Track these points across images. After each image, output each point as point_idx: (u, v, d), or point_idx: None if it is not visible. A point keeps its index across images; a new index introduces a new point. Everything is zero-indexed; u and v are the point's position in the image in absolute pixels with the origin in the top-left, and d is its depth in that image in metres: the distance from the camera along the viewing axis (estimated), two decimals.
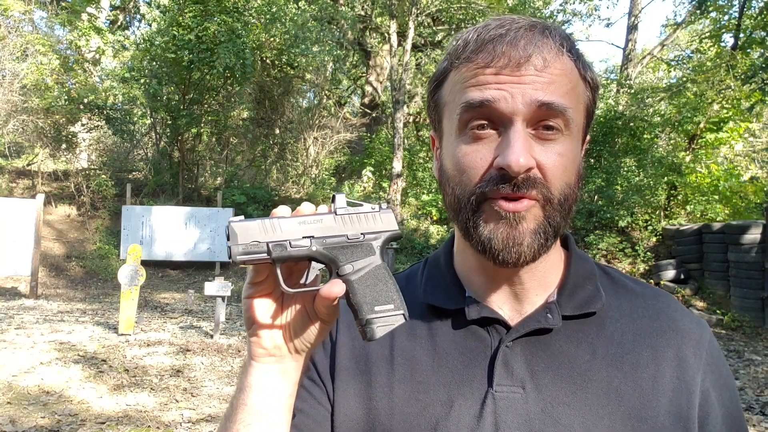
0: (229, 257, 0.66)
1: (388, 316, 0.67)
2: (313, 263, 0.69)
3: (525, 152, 0.68)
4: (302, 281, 0.70)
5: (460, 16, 15.85)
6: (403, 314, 0.68)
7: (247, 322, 0.71)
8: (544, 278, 0.80)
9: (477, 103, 0.70)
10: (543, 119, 0.70)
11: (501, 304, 0.79)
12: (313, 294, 0.69)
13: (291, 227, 0.67)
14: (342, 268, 0.68)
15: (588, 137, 0.81)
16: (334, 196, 0.71)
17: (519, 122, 0.69)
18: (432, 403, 0.75)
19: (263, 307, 0.71)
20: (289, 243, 0.67)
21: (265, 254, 0.66)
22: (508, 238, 0.71)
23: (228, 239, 0.66)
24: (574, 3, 17.87)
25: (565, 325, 0.77)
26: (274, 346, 0.71)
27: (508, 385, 0.74)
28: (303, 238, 0.67)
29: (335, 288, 0.66)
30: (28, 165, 15.13)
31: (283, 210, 0.69)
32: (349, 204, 0.71)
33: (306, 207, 0.70)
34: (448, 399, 0.75)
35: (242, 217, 0.67)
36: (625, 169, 12.28)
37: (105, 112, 14.39)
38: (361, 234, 0.69)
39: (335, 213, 0.70)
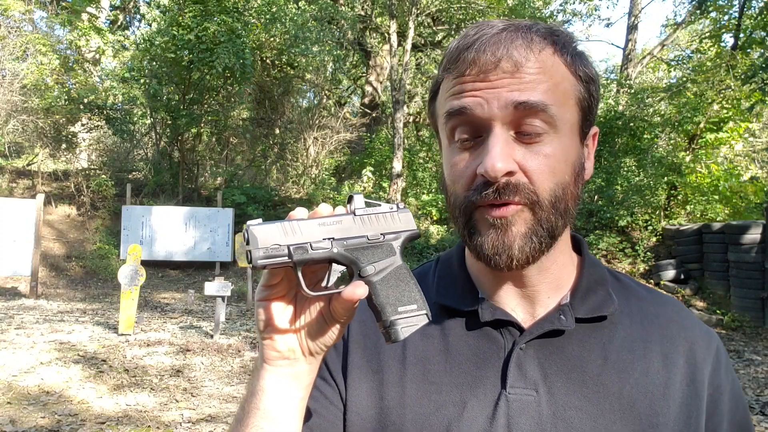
0: (249, 261, 0.63)
1: (411, 316, 0.66)
2: (334, 265, 0.68)
3: (503, 157, 0.68)
4: (323, 284, 0.69)
5: (460, 16, 15.84)
6: (426, 314, 0.67)
7: (261, 325, 0.69)
8: (555, 281, 0.79)
9: (456, 110, 0.71)
10: (523, 120, 0.70)
11: (514, 306, 0.79)
12: (330, 296, 0.68)
13: (311, 229, 0.66)
14: (364, 270, 0.66)
15: (596, 130, 0.79)
16: (351, 197, 0.70)
17: (498, 127, 0.70)
18: (445, 404, 0.75)
19: (279, 310, 0.69)
20: (310, 245, 0.65)
21: (286, 257, 0.63)
22: (497, 244, 0.71)
23: (248, 243, 0.64)
24: (574, 3, 17.86)
25: (577, 328, 0.77)
26: (288, 349, 0.69)
27: (522, 387, 0.74)
28: (323, 240, 0.66)
29: (359, 290, 0.64)
30: (28, 165, 15.13)
31: (300, 212, 0.68)
32: (367, 204, 0.70)
33: (324, 208, 0.69)
34: (461, 400, 0.75)
35: (260, 220, 0.66)
36: (625, 169, 12.28)
37: (105, 112, 14.38)
38: (381, 234, 0.68)
39: (354, 214, 0.68)
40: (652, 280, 10.57)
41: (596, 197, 12.07)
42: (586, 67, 0.74)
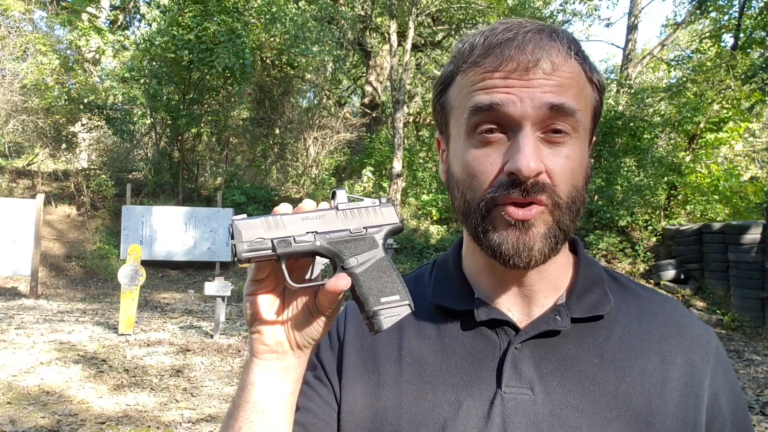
0: (234, 255, 0.65)
1: (394, 306, 0.67)
2: (318, 258, 0.69)
3: (535, 157, 0.68)
4: (307, 276, 0.70)
5: (460, 16, 15.84)
6: (409, 304, 0.68)
7: (250, 319, 0.71)
8: (552, 281, 0.80)
9: (485, 106, 0.70)
10: (552, 122, 0.70)
11: (510, 305, 0.79)
12: (316, 289, 0.69)
13: (294, 223, 0.68)
14: (346, 262, 0.68)
15: (594, 139, 0.81)
16: (334, 192, 0.72)
17: (528, 126, 0.69)
18: (440, 404, 0.75)
19: (266, 304, 0.70)
20: (294, 239, 0.67)
21: (270, 251, 0.66)
22: (519, 243, 0.71)
23: (232, 237, 0.66)
24: (574, 3, 17.87)
25: (573, 328, 0.77)
26: (276, 343, 0.71)
27: (517, 386, 0.74)
28: (307, 233, 0.67)
29: (341, 281, 0.66)
30: (28, 165, 15.12)
31: (284, 207, 0.69)
32: (350, 199, 0.72)
33: (307, 204, 0.70)
34: (456, 399, 0.75)
35: (245, 215, 0.68)
36: (625, 169, 12.29)
37: (105, 112, 14.39)
38: (364, 228, 0.70)
39: (337, 208, 0.70)
40: (652, 280, 10.57)
41: (596, 197, 12.07)
42: (599, 76, 0.76)
